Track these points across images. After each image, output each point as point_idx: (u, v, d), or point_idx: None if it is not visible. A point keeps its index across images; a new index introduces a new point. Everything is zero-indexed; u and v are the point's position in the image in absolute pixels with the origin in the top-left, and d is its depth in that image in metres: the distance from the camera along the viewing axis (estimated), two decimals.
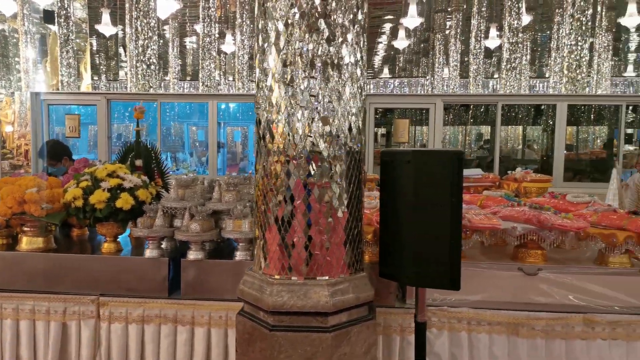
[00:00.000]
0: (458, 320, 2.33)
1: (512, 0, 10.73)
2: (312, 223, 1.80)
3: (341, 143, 1.83)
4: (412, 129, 13.88)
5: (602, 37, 14.87)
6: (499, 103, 5.41)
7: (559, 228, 2.23)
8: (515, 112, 8.26)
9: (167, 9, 12.61)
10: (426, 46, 22.94)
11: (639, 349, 2.29)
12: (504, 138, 12.85)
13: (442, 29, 19.64)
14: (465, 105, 7.70)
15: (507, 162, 9.02)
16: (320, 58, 1.78)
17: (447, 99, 5.30)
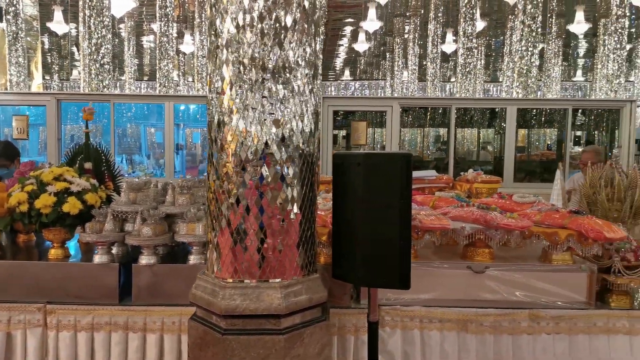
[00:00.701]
0: (410, 318, 2.39)
1: (466, 7, 11.05)
2: (264, 226, 1.81)
3: (294, 145, 1.84)
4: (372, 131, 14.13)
5: (552, 43, 15.51)
6: (452, 106, 5.57)
7: (504, 227, 2.31)
8: (471, 115, 8.52)
9: (123, 7, 12.30)
10: (385, 49, 23.31)
11: (581, 342, 2.40)
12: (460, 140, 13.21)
13: (400, 33, 20.01)
14: (423, 108, 7.88)
15: (464, 164, 9.28)
16: (271, 60, 1.79)
17: (403, 101, 5.41)
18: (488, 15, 17.79)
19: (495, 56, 23.23)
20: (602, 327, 2.39)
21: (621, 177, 2.92)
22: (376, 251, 1.84)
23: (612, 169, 2.95)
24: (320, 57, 1.96)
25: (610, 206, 2.90)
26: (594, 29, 15.98)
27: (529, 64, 8.39)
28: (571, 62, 26.98)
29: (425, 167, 7.93)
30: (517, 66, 8.19)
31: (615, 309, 2.42)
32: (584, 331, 2.39)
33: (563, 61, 21.89)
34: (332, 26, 22.43)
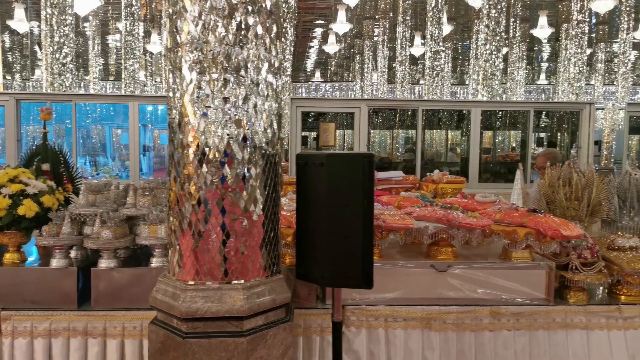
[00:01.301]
0: (375, 317, 2.40)
1: (433, 11, 11.24)
2: (226, 227, 1.79)
3: (256, 146, 1.83)
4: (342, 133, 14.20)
5: (516, 47, 15.92)
6: (419, 108, 5.65)
7: (466, 226, 2.36)
8: (439, 117, 8.67)
9: (87, 6, 11.98)
10: (355, 52, 23.47)
11: (540, 338, 2.47)
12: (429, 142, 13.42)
13: (370, 36, 20.18)
14: (393, 110, 7.96)
15: (432, 165, 9.43)
16: (233, 61, 1.77)
17: (371, 103, 5.45)
18: (455, 19, 18.13)
19: (462, 59, 23.70)
20: (561, 323, 2.46)
21: (578, 176, 3.02)
22: (339, 251, 1.85)
23: (570, 169, 3.05)
24: (286, 58, 1.95)
25: (568, 205, 2.99)
26: (556, 34, 16.49)
27: (494, 67, 8.59)
28: (535, 66, 27.75)
29: (394, 168, 8.02)
30: (482, 69, 8.38)
31: (573, 304, 2.50)
32: (543, 327, 2.45)
33: (527, 65, 22.51)
34: (302, 28, 22.44)
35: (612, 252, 2.57)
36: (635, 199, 3.06)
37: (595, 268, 2.48)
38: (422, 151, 11.05)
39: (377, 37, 18.94)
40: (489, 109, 6.16)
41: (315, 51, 26.85)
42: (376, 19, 18.65)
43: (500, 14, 8.95)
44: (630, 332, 2.47)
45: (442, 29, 11.26)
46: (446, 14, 15.07)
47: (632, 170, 3.10)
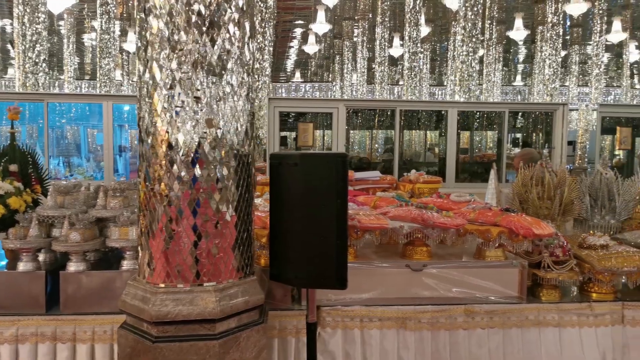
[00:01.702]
0: (351, 318, 2.40)
1: (411, 12, 11.32)
2: (198, 228, 1.76)
3: (228, 146, 1.81)
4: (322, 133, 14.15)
5: (492, 49, 16.16)
6: (397, 108, 5.68)
7: (440, 226, 2.37)
8: (418, 117, 8.73)
9: (61, 4, 11.74)
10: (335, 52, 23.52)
11: (514, 336, 2.50)
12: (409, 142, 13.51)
13: (350, 36, 20.24)
14: (372, 110, 7.99)
15: (411, 165, 9.48)
16: (204, 59, 1.75)
17: (349, 103, 5.46)
18: (433, 21, 18.32)
19: (440, 61, 23.96)
20: (534, 321, 2.49)
21: (551, 176, 3.06)
22: (313, 251, 1.83)
23: (542, 169, 3.09)
24: (264, 58, 1.93)
25: (541, 204, 3.04)
26: (532, 36, 16.80)
27: (470, 68, 8.70)
28: (511, 68, 28.22)
29: (373, 168, 8.05)
30: (459, 71, 8.49)
31: (546, 302, 2.54)
32: (517, 325, 2.48)
33: (504, 66, 22.89)
34: (282, 28, 22.39)
35: (584, 250, 2.61)
36: (606, 198, 3.12)
37: (567, 266, 2.52)
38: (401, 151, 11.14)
39: (356, 37, 19.02)
40: (465, 109, 6.23)
41: (295, 51, 26.83)
42: (355, 20, 18.73)
43: (477, 16, 9.06)
44: (600, 329, 2.51)
45: (420, 31, 11.35)
46: (424, 16, 15.22)
47: (603, 170, 3.16)
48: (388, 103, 7.04)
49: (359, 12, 17.80)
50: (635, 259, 2.46)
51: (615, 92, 25.18)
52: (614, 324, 2.53)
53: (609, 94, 24.91)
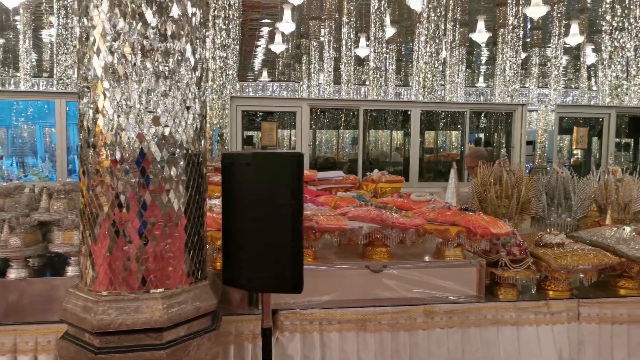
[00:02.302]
0: (310, 321, 2.35)
1: (376, 13, 11.38)
2: (144, 232, 1.67)
3: (177, 145, 1.72)
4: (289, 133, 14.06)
5: (456, 51, 16.43)
6: (361, 107, 5.67)
7: (399, 226, 2.35)
8: (384, 117, 8.77)
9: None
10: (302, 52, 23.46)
11: (473, 335, 2.50)
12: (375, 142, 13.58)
13: (317, 36, 20.21)
14: (339, 110, 7.97)
15: (377, 165, 9.51)
16: (150, 53, 1.66)
17: (313, 102, 5.41)
18: (398, 22, 18.49)
19: (406, 61, 24.23)
20: (492, 319, 2.50)
21: (509, 175, 3.09)
22: (267, 254, 1.77)
23: (500, 168, 3.12)
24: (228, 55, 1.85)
25: (499, 203, 3.06)
26: (494, 38, 17.17)
27: (434, 69, 8.81)
28: (475, 69, 28.81)
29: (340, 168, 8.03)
30: (422, 71, 8.58)
31: (504, 301, 2.55)
32: (475, 324, 2.48)
33: (467, 68, 23.33)
34: (249, 26, 22.17)
35: (540, 248, 2.64)
36: (562, 197, 3.18)
37: (524, 264, 2.54)
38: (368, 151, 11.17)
39: (323, 37, 19.00)
40: (427, 109, 6.29)
41: (263, 50, 26.60)
42: (322, 20, 18.71)
43: (440, 18, 9.18)
44: (557, 327, 2.54)
45: (385, 31, 11.42)
46: (390, 17, 15.34)
47: (559, 169, 3.21)
48: (352, 102, 7.02)
49: (326, 12, 17.78)
50: (590, 257, 2.50)
51: (574, 94, 26.06)
52: (570, 321, 2.56)
53: (568, 95, 25.76)
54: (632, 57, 11.43)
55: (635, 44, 11.73)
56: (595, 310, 2.58)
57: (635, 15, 11.42)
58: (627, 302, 2.60)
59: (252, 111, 6.19)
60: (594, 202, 3.23)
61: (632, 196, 3.12)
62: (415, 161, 5.44)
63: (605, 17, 10.19)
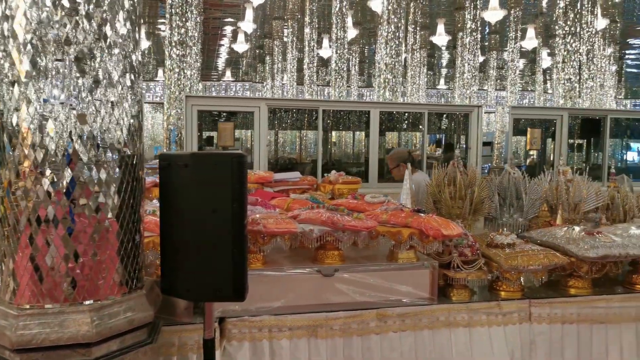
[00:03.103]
0: (259, 329, 2.26)
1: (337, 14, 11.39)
2: (70, 239, 1.54)
3: (107, 145, 1.60)
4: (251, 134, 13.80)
5: (417, 53, 16.66)
6: (320, 108, 5.61)
7: (351, 228, 2.29)
8: (347, 118, 8.75)
9: None
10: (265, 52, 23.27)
11: (426, 337, 2.46)
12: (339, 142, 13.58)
13: (280, 36, 20.08)
14: (302, 110, 7.90)
15: (340, 166, 9.50)
16: (75, 45, 1.53)
17: (270, 102, 5.31)
18: (361, 24, 18.60)
19: (369, 63, 24.42)
20: (444, 321, 2.48)
21: (462, 176, 3.09)
22: (207, 261, 1.67)
23: (454, 168, 3.12)
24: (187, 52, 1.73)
25: (453, 204, 3.06)
26: (453, 42, 17.50)
27: (394, 71, 8.87)
28: (436, 72, 29.34)
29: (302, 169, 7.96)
30: (383, 73, 8.63)
31: (456, 302, 2.53)
32: (428, 326, 2.45)
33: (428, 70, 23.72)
34: (212, 25, 21.81)
35: (492, 249, 2.64)
36: (514, 197, 3.20)
37: (476, 266, 2.53)
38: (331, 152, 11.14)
39: (286, 38, 18.89)
40: (386, 110, 6.30)
41: (226, 50, 26.23)
42: (285, 20, 18.59)
43: (399, 20, 9.25)
44: (509, 327, 2.54)
45: (347, 33, 11.44)
46: (352, 19, 15.41)
47: (511, 170, 3.24)
48: (310, 103, 6.96)
49: (288, 12, 17.69)
50: (540, 257, 2.52)
51: (530, 96, 26.91)
52: (521, 321, 2.57)
53: (524, 97, 26.59)
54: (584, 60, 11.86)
55: (587, 48, 12.19)
56: (546, 310, 2.59)
57: (587, 21, 11.88)
58: (576, 302, 2.63)
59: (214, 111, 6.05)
60: (545, 202, 3.27)
61: (582, 196, 3.18)
62: (374, 162, 5.42)
63: (559, 22, 10.52)
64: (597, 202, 3.17)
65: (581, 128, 8.74)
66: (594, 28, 12.05)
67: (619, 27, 18.43)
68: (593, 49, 12.32)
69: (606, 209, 3.27)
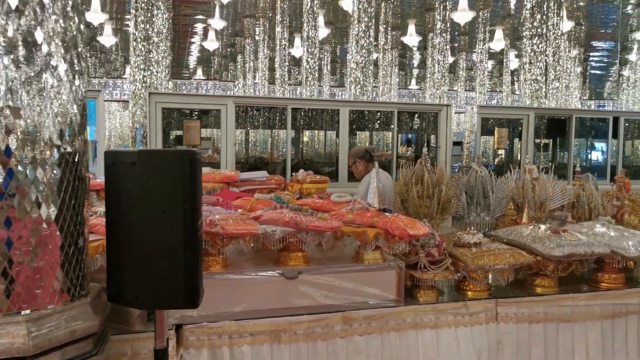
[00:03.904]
0: (219, 335, 2.15)
1: (308, 13, 11.31)
2: (2, 245, 1.41)
3: (45, 142, 1.48)
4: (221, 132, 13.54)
5: (388, 53, 16.73)
6: (288, 106, 5.51)
7: (314, 229, 2.21)
8: (320, 117, 8.68)
9: None
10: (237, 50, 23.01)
11: (393, 339, 2.40)
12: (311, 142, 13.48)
13: (251, 35, 19.87)
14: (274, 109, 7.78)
15: (311, 165, 9.42)
16: (7, 34, 1.40)
17: (238, 100, 5.18)
18: (333, 23, 18.56)
19: (341, 62, 24.42)
20: (411, 323, 2.42)
21: (430, 174, 3.05)
22: (156, 266, 1.56)
23: (422, 167, 3.07)
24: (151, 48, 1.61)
25: (421, 203, 3.01)
26: (424, 42, 17.65)
27: (365, 70, 8.85)
28: (408, 72, 29.58)
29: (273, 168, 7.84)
30: (354, 72, 8.59)
31: (424, 303, 2.48)
32: (394, 329, 2.39)
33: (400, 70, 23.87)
34: (182, 22, 21.42)
35: (459, 248, 2.60)
36: (481, 196, 3.18)
37: (443, 266, 2.48)
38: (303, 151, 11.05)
39: (258, 36, 18.69)
40: (354, 108, 6.25)
41: (197, 48, 25.80)
42: (257, 18, 18.39)
43: (371, 20, 9.24)
44: (476, 328, 2.51)
45: (318, 32, 11.37)
46: (324, 18, 15.35)
47: (478, 168, 3.21)
48: (278, 101, 6.84)
49: (259, 10, 17.51)
50: (507, 257, 2.49)
51: (499, 97, 27.40)
52: (488, 321, 2.54)
53: (493, 98, 27.06)
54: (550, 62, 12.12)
55: (553, 49, 12.46)
56: (512, 309, 2.57)
57: (553, 23, 12.15)
58: (543, 301, 2.62)
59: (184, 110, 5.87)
60: (512, 201, 3.26)
61: (548, 194, 3.18)
62: (344, 161, 5.35)
63: (526, 24, 10.70)
64: (563, 200, 3.18)
65: (548, 128, 8.91)
66: (559, 30, 12.31)
67: (584, 30, 18.95)
68: (559, 51, 12.59)
69: (572, 207, 3.28)
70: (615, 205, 3.34)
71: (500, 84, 27.20)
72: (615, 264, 2.68)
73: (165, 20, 10.40)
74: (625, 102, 18.77)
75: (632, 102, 17.33)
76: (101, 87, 23.22)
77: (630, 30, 18.27)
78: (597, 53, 25.50)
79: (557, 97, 12.80)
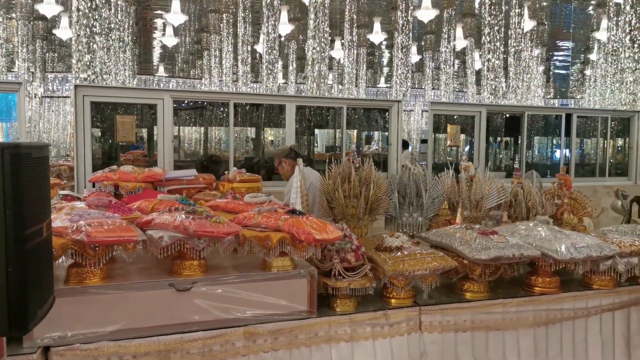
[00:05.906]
0: (94, 358, 1.87)
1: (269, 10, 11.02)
2: None
3: None
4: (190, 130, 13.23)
5: (353, 50, 16.50)
6: (231, 101, 5.22)
7: (205, 235, 1.94)
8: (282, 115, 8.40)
9: None
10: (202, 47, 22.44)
11: (304, 355, 2.17)
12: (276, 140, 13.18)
13: (217, 31, 19.36)
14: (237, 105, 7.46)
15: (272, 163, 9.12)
16: None
17: (175, 94, 4.87)
18: (298, 20, 18.25)
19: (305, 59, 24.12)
20: (324, 337, 2.20)
21: (357, 173, 2.82)
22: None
23: (349, 164, 2.85)
24: None
25: (347, 202, 2.79)
26: (390, 41, 17.52)
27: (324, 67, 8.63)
28: (377, 70, 29.48)
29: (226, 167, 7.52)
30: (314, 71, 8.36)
31: (339, 314, 2.25)
32: (305, 343, 2.16)
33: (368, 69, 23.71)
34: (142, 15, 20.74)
35: (381, 253, 2.38)
36: (415, 195, 2.98)
37: (361, 272, 2.26)
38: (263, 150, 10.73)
39: (222, 32, 18.20)
40: (300, 104, 6.00)
41: (160, 44, 25.06)
42: (220, 13, 17.90)
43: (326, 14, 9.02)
44: (396, 339, 2.30)
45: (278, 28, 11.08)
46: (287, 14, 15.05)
47: (412, 166, 3.01)
48: (219, 95, 6.52)
49: (222, 5, 17.04)
50: (428, 261, 2.28)
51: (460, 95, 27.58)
52: (410, 332, 2.33)
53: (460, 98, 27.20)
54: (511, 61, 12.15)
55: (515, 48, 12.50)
56: (437, 317, 2.37)
57: (515, 22, 12.17)
58: (470, 308, 2.42)
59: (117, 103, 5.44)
60: (447, 200, 3.07)
61: (484, 193, 3.00)
62: None
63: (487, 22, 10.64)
64: (499, 199, 3.00)
65: (507, 126, 8.84)
66: (521, 29, 12.33)
67: (547, 29, 19.14)
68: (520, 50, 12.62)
69: (509, 206, 3.11)
70: (555, 204, 3.19)
71: (465, 84, 27.43)
72: (548, 267, 2.50)
73: (120, 13, 9.93)
74: (587, 101, 19.08)
75: (594, 101, 17.65)
76: (59, 82, 22.22)
77: (591, 30, 18.58)
78: (561, 52, 25.94)
79: (518, 95, 12.83)
